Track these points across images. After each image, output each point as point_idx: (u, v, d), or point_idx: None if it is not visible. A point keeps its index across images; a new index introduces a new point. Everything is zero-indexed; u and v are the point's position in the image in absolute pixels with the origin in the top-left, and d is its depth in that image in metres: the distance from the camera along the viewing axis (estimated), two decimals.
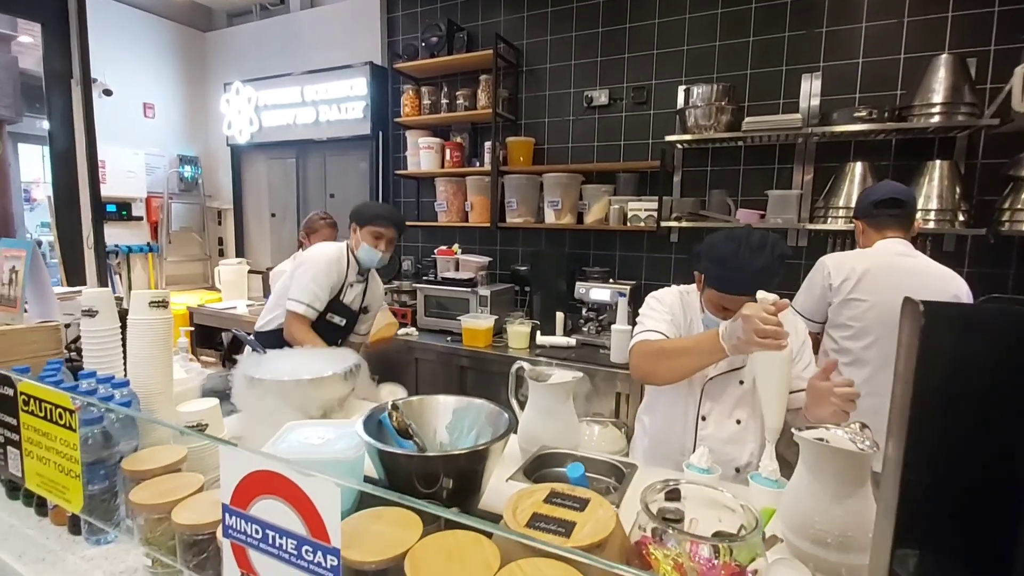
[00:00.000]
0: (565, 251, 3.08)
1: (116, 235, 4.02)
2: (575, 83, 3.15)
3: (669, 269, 2.99)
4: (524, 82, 3.30)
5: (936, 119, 2.20)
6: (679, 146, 2.82)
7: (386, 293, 3.47)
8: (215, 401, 1.26)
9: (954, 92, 2.17)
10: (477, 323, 2.78)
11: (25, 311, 1.40)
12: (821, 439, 0.88)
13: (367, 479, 1.02)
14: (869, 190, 1.77)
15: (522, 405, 1.28)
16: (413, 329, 3.08)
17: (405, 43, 3.57)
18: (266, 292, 3.39)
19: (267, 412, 1.42)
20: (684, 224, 2.71)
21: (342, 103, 3.74)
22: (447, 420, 1.11)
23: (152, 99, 4.23)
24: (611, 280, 2.93)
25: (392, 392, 2.20)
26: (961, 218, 2.24)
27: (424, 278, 3.18)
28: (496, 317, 2.87)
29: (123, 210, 4.04)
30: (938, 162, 2.27)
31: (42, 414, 0.91)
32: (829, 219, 2.45)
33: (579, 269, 3.04)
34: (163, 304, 1.29)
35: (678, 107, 2.83)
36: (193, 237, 4.49)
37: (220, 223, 4.62)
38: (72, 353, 1.49)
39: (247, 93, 4.15)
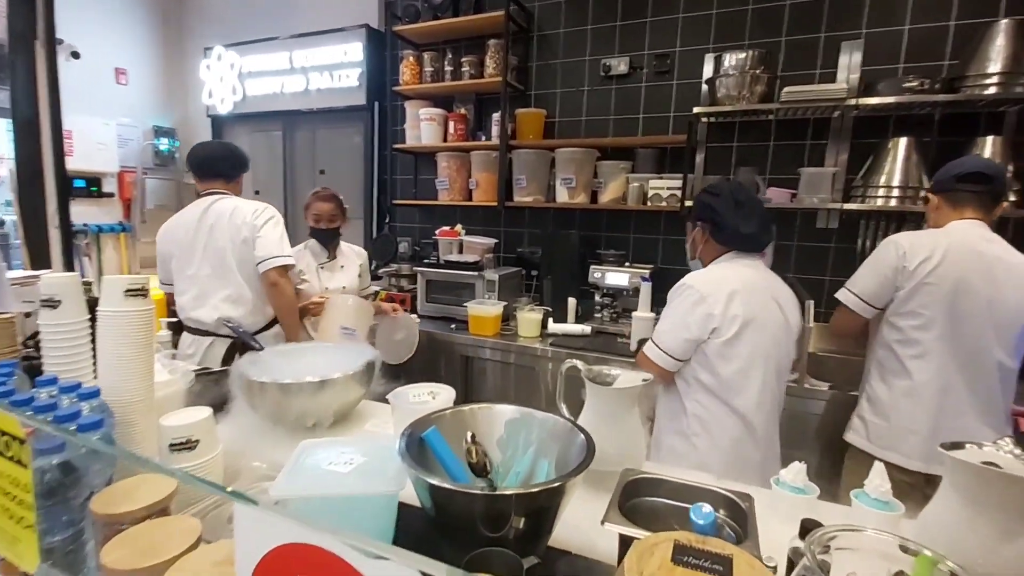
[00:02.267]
0: (578, 233, 2.88)
1: (85, 213, 3.71)
2: (591, 50, 2.91)
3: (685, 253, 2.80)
4: (535, 49, 3.05)
5: (993, 89, 2.02)
6: (704, 120, 2.61)
7: (383, 277, 3.25)
8: (207, 411, 1.04)
9: (1014, 61, 2.00)
10: (485, 310, 2.58)
11: None
12: (990, 463, 0.70)
13: (404, 507, 0.82)
14: (953, 163, 1.58)
15: (574, 411, 1.08)
16: (414, 315, 2.86)
17: (404, 4, 3.28)
18: None
19: (270, 420, 1.21)
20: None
21: (335, 70, 3.45)
22: (498, 434, 0.91)
23: (124, 64, 3.87)
24: (627, 264, 2.74)
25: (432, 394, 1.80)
26: (1012, 198, 2.09)
27: (425, 261, 2.96)
28: (505, 303, 2.66)
29: (92, 186, 3.71)
30: (989, 138, 2.11)
31: None
32: (867, 199, 2.28)
33: (592, 252, 2.84)
34: (142, 292, 1.06)
35: (705, 77, 2.62)
36: (168, 216, 4.16)
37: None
38: (30, 350, 1.25)
39: (230, 58, 3.82)
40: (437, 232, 3.10)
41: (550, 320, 2.61)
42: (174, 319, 2.24)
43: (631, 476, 0.79)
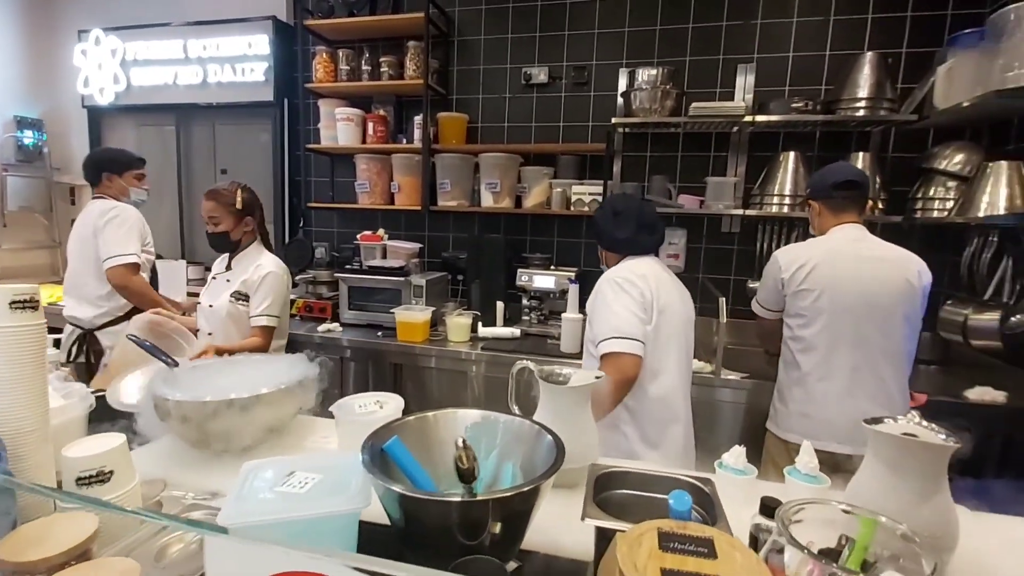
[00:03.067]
0: (504, 237, 2.90)
1: None
2: (512, 59, 2.96)
3: None
4: (456, 53, 3.04)
5: (861, 112, 2.33)
6: (620, 130, 2.76)
7: (298, 284, 3.06)
8: (120, 437, 0.91)
9: (877, 88, 2.31)
10: (413, 316, 2.52)
11: None
12: (909, 434, 0.80)
13: (364, 525, 0.77)
14: (825, 172, 1.80)
15: (525, 412, 1.09)
16: (336, 325, 2.72)
17: None
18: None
19: (190, 443, 1.10)
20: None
21: (237, 63, 3.21)
22: (458, 439, 0.89)
23: None
24: (552, 267, 2.81)
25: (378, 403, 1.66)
26: (880, 207, 2.41)
27: (347, 267, 2.83)
28: (433, 308, 2.62)
29: None
30: (861, 154, 2.42)
31: None
32: (764, 206, 2.53)
33: (517, 256, 2.88)
34: (32, 304, 0.92)
35: (620, 90, 2.77)
36: (37, 219, 3.63)
37: (74, 202, 3.79)
38: None
39: (110, 44, 3.42)
40: (359, 236, 2.98)
41: (479, 324, 2.60)
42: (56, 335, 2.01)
43: (600, 471, 0.81)
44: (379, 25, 2.94)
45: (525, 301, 2.75)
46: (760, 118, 2.43)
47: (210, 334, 1.97)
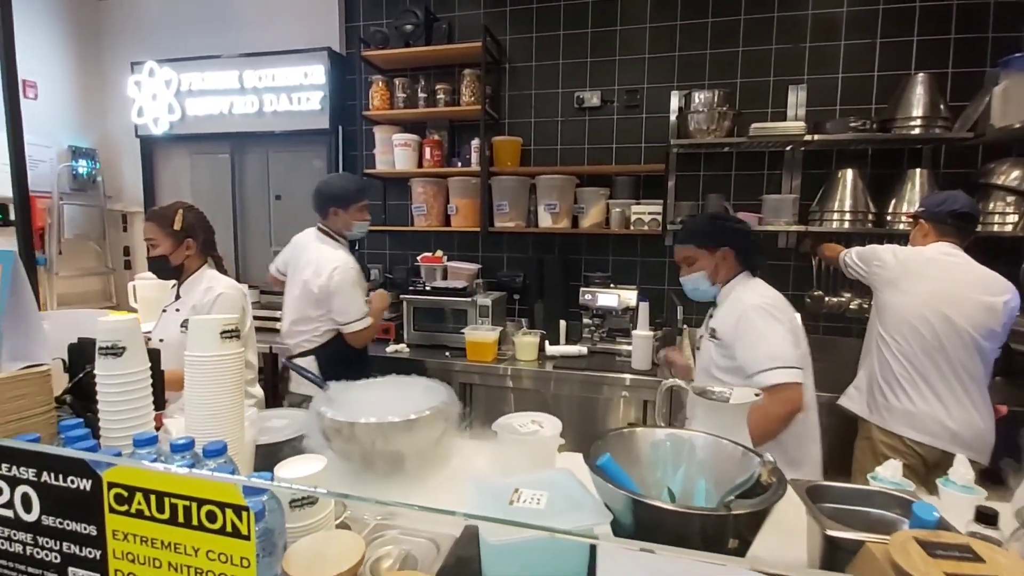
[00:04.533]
0: (565, 256, 2.96)
1: None
2: (564, 83, 3.05)
3: (664, 273, 2.99)
4: (507, 79, 3.14)
5: (917, 131, 2.41)
6: (675, 150, 2.84)
7: None
8: (322, 460, 0.96)
9: (931, 107, 2.40)
10: (483, 335, 2.56)
11: None
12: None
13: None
14: (946, 198, 1.87)
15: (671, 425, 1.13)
16: (403, 346, 2.77)
17: (368, 30, 3.24)
18: None
19: (359, 464, 1.14)
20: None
21: (294, 92, 3.30)
22: (643, 456, 0.93)
23: (33, 76, 3.42)
24: (611, 285, 2.86)
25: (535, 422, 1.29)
26: None
27: (410, 288, 2.88)
28: (501, 328, 2.67)
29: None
30: (919, 170, 2.50)
31: (171, 518, 0.60)
32: (824, 222, 2.59)
33: (574, 275, 2.94)
34: (236, 334, 0.97)
35: (672, 111, 2.85)
36: (90, 246, 3.70)
37: (126, 229, 3.86)
38: (65, 404, 1.07)
39: (165, 75, 3.52)
40: (419, 258, 3.05)
41: (546, 343, 2.65)
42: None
43: (806, 485, 0.86)
44: (434, 55, 3.04)
45: (586, 319, 2.81)
46: (819, 137, 2.51)
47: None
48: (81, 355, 1.10)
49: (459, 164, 3.12)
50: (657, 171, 2.87)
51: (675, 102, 2.86)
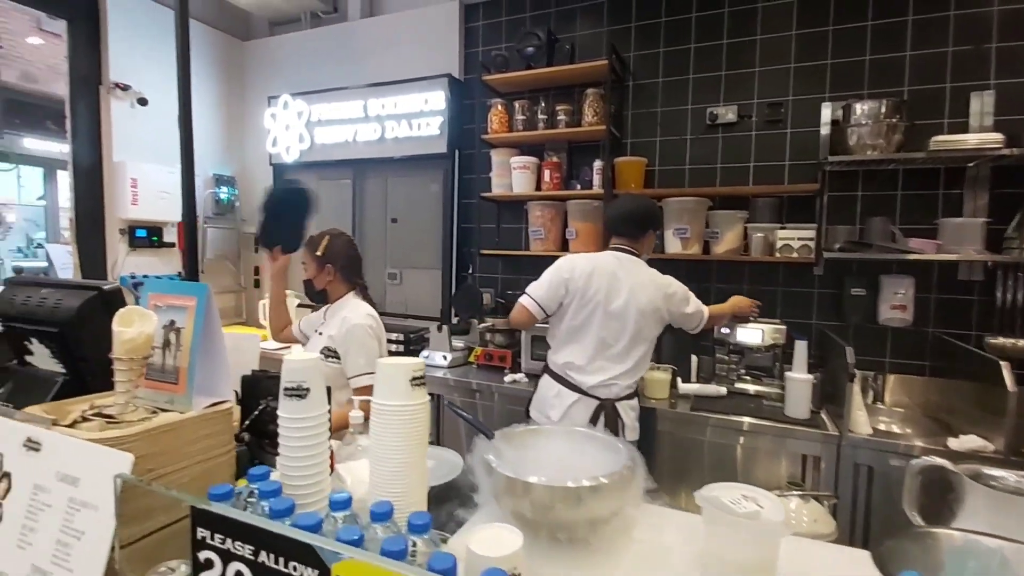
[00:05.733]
0: (697, 284, 2.73)
1: (145, 264, 3.52)
2: (693, 99, 2.85)
3: (811, 306, 2.66)
4: (631, 97, 2.99)
5: None
6: (828, 168, 2.52)
7: (468, 331, 3.07)
8: (516, 534, 0.83)
9: None
10: None
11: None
12: None
13: None
14: None
15: (928, 518, 0.89)
16: (520, 375, 2.66)
17: (487, 55, 3.24)
18: None
19: (522, 525, 1.00)
20: (844, 255, 2.40)
21: (414, 118, 3.37)
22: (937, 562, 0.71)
23: None
24: (750, 318, 2.58)
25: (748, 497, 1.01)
26: None
27: None
28: None
29: (154, 235, 3.54)
30: None
31: None
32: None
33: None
34: (423, 381, 0.88)
35: (822, 125, 2.55)
36: (227, 266, 3.99)
37: (256, 251, 4.13)
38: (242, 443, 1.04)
39: (297, 107, 3.74)
40: None
41: (679, 380, 2.42)
42: None
43: None
44: (556, 75, 2.96)
45: (719, 355, 2.54)
46: (1018, 151, 2.11)
47: None
48: (255, 388, 1.07)
49: (577, 186, 3.01)
50: (804, 192, 2.57)
51: (827, 114, 2.56)
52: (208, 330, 0.91)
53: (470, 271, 3.40)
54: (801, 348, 2.15)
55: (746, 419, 2.16)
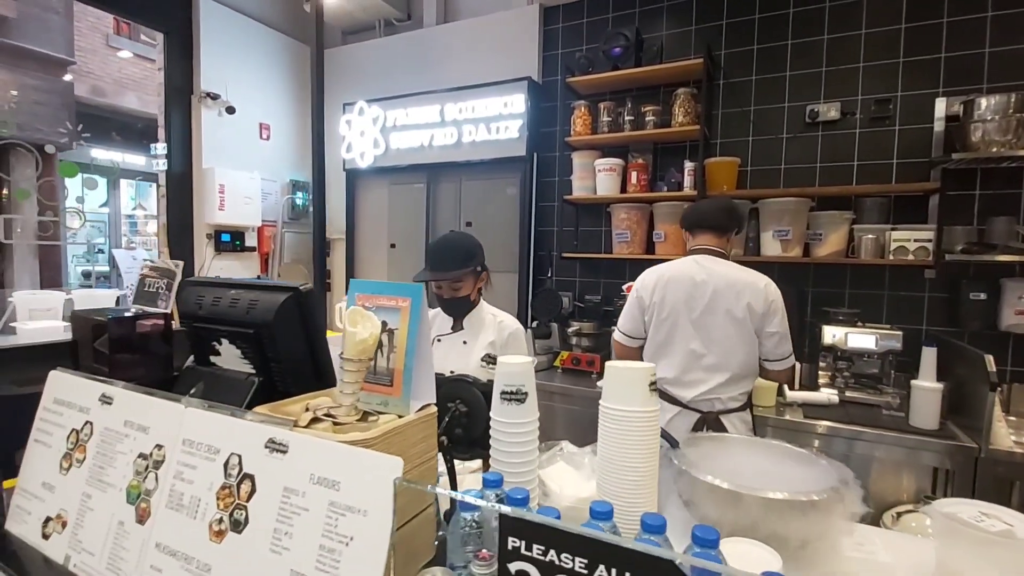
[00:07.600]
0: (800, 288, 2.63)
1: (227, 267, 3.62)
2: (791, 97, 2.76)
3: (921, 311, 2.53)
4: (721, 96, 2.92)
5: None
6: (946, 166, 2.40)
7: (550, 336, 3.03)
8: (774, 555, 0.78)
9: None
10: None
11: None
12: None
13: None
14: None
15: None
16: None
17: (568, 57, 3.22)
18: None
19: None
20: (966, 257, 2.27)
21: (492, 122, 3.37)
22: None
23: (268, 119, 3.87)
24: (857, 323, 2.47)
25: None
26: None
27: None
28: None
29: (236, 240, 3.63)
30: None
31: None
32: None
33: (809, 310, 2.59)
34: (656, 387, 0.84)
35: (936, 119, 2.43)
36: (301, 269, 4.07)
37: (329, 254, 4.20)
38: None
39: (372, 113, 3.79)
40: (624, 288, 2.89)
41: (785, 387, 2.33)
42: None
43: None
44: (644, 76, 2.91)
45: (829, 361, 2.44)
46: None
47: None
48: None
49: (664, 188, 2.95)
50: (917, 191, 2.45)
51: (941, 110, 2.44)
52: (420, 332, 0.89)
53: (548, 275, 3.37)
54: (930, 355, 2.03)
55: (868, 429, 2.05)
